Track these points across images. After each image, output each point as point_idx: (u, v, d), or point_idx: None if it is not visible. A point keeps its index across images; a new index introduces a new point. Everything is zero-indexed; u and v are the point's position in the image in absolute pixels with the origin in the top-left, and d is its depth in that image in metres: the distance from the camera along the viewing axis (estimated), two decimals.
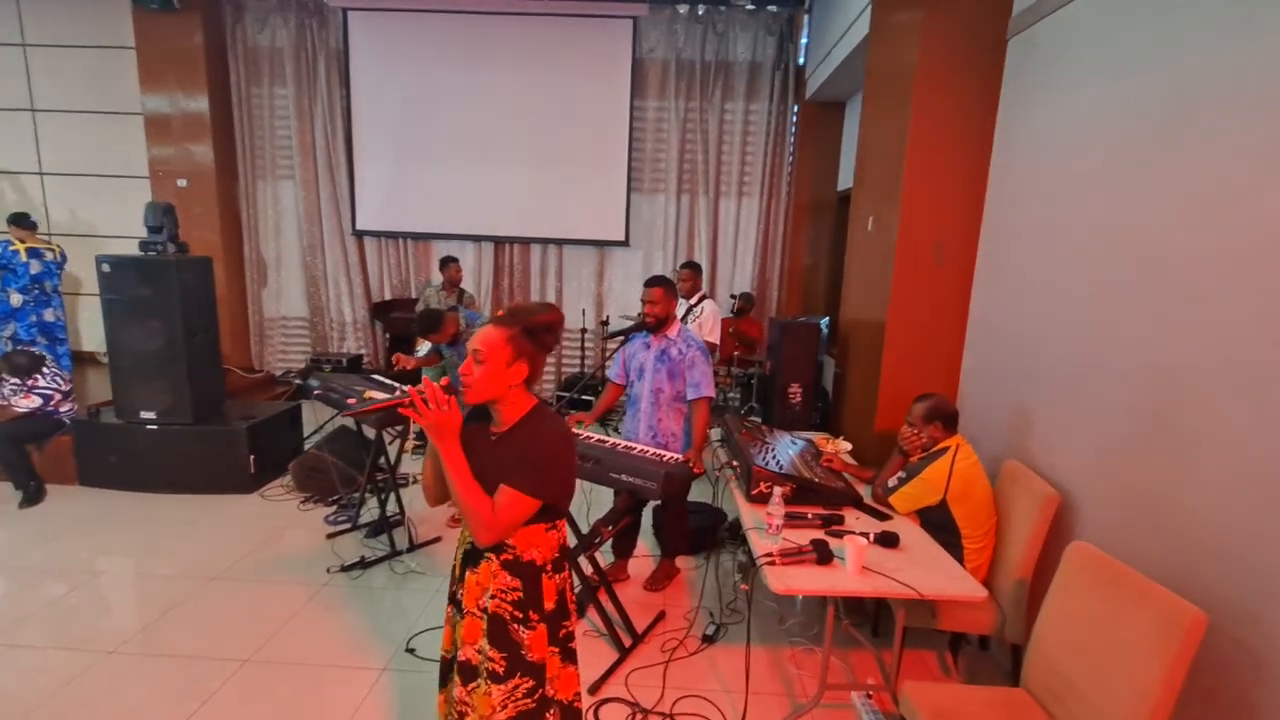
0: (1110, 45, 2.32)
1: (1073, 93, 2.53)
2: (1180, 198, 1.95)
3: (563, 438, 1.50)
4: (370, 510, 3.81)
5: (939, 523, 2.48)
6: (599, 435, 2.80)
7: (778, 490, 2.41)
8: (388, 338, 6.46)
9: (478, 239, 6.50)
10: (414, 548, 3.49)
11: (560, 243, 6.52)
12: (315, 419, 5.02)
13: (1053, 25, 2.68)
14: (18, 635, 2.69)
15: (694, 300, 4.70)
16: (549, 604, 1.50)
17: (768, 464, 2.65)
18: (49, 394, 4.06)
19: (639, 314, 3.28)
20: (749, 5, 5.85)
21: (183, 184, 6.12)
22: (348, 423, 4.41)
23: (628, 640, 2.70)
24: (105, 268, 3.93)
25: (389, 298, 6.67)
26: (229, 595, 3.04)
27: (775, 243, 6.43)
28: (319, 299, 6.70)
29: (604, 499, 3.65)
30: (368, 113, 6.30)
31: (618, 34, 6.07)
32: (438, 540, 3.61)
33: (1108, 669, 1.71)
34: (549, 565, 1.51)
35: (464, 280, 5.55)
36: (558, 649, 1.54)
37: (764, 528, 2.37)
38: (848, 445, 3.22)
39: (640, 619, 2.84)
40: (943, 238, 3.20)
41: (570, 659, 1.59)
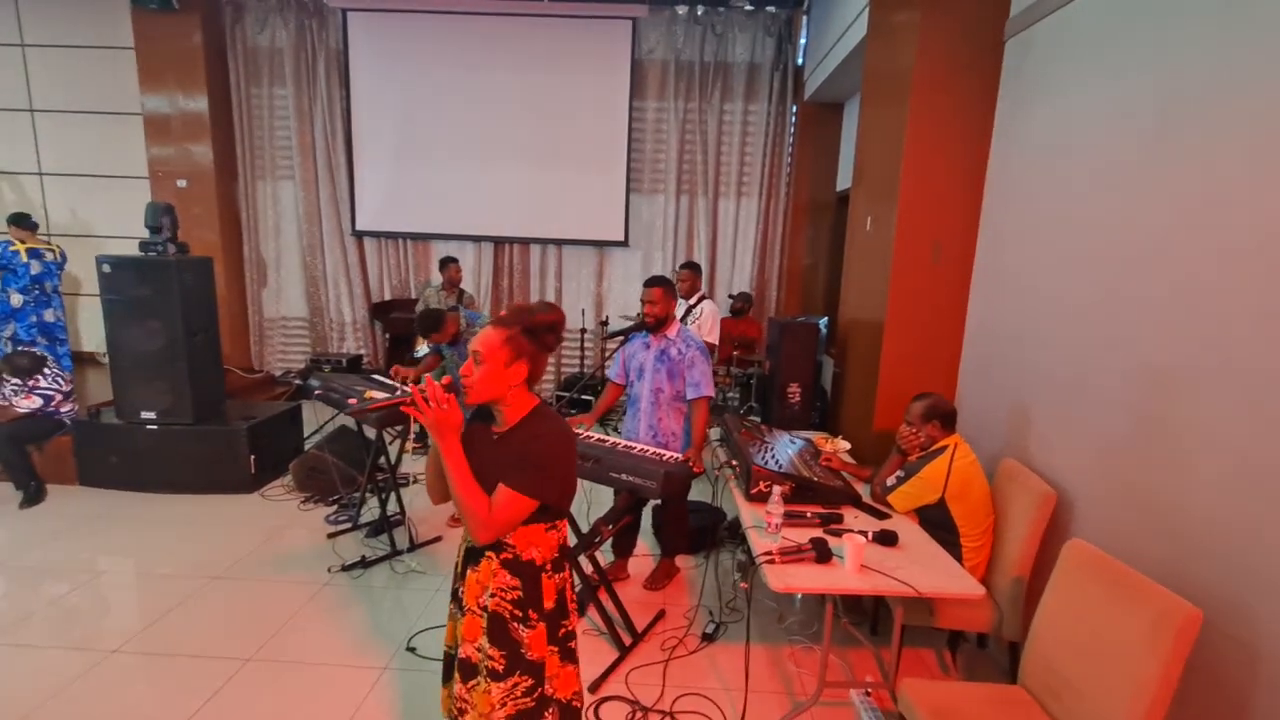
0: (1107, 47, 2.33)
1: (1070, 94, 2.54)
2: (1177, 198, 1.96)
3: (563, 438, 1.50)
4: (371, 510, 3.82)
5: (937, 521, 2.49)
6: (599, 435, 2.81)
7: (777, 489, 2.42)
8: (387, 338, 6.47)
9: (477, 239, 6.51)
10: (414, 547, 3.50)
11: (560, 243, 6.53)
12: (315, 419, 5.03)
13: (1050, 27, 2.70)
14: (20, 635, 2.70)
15: (693, 300, 4.71)
16: (548, 603, 1.51)
17: (767, 463, 2.66)
18: (50, 394, 4.06)
19: (638, 314, 3.29)
20: (748, 6, 5.88)
21: (182, 184, 6.12)
22: (348, 423, 4.42)
23: (628, 639, 2.71)
24: (105, 268, 3.93)
25: (389, 298, 6.68)
26: (230, 595, 3.05)
27: (774, 243, 6.44)
28: (319, 299, 6.71)
29: (604, 498, 3.67)
30: (367, 113, 6.30)
31: (617, 35, 6.08)
32: (438, 540, 3.62)
33: (1104, 666, 1.73)
34: (549, 565, 1.52)
35: (464, 280, 5.56)
36: (557, 648, 1.54)
37: (763, 526, 2.38)
38: (846, 444, 3.23)
39: (640, 618, 2.85)
40: (941, 238, 3.22)
41: (569, 658, 1.59)
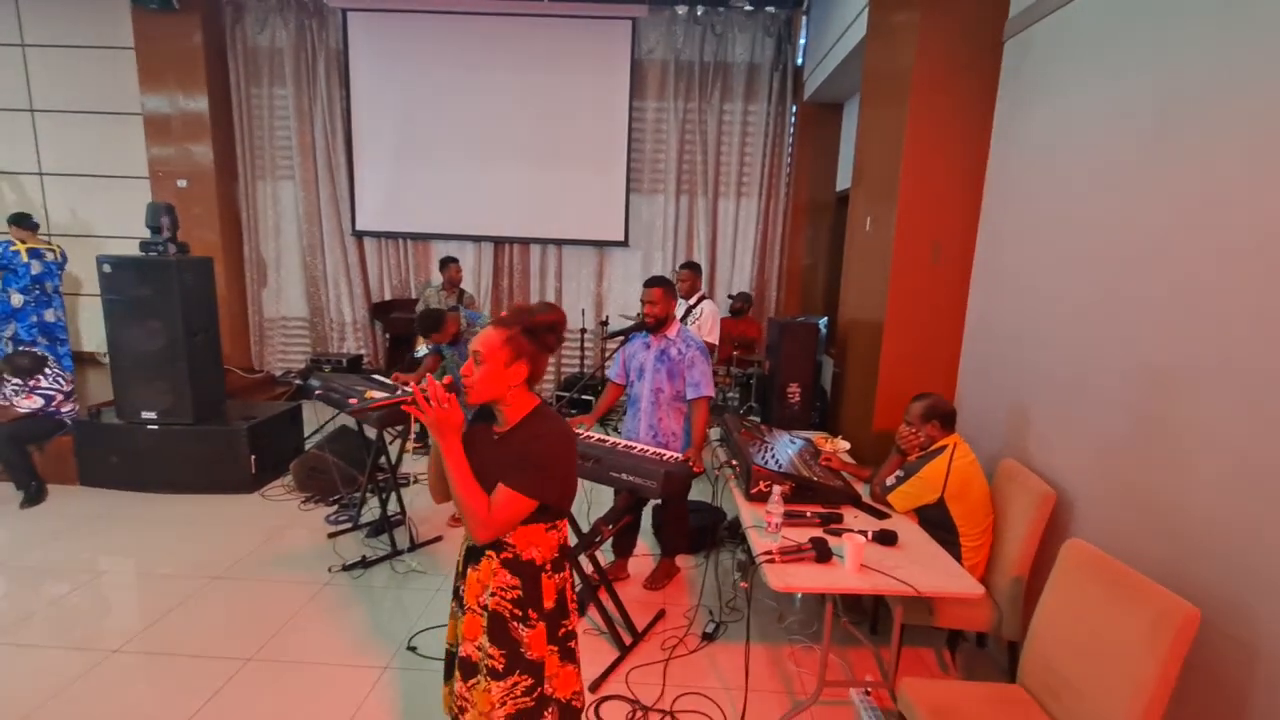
0: (1107, 47, 2.34)
1: (1070, 94, 2.55)
2: (1177, 198, 1.96)
3: (563, 439, 1.50)
4: (371, 510, 3.82)
5: (937, 521, 2.49)
6: (599, 435, 2.81)
7: (777, 489, 2.42)
8: (388, 338, 6.47)
9: (477, 239, 6.51)
10: (415, 547, 3.51)
11: (560, 243, 6.54)
12: (316, 419, 5.03)
13: (1049, 27, 2.70)
14: (21, 635, 2.71)
15: (693, 301, 4.71)
16: (548, 603, 1.51)
17: (767, 463, 2.67)
18: (51, 395, 4.06)
19: (638, 314, 3.29)
20: (747, 6, 5.88)
21: (182, 184, 6.12)
22: (348, 423, 4.42)
23: (628, 638, 2.72)
24: (106, 268, 3.94)
25: (389, 298, 6.68)
26: (231, 594, 3.05)
27: (774, 243, 6.45)
28: (319, 299, 6.71)
29: (604, 498, 3.67)
30: (367, 113, 6.31)
31: (617, 35, 6.08)
32: (439, 540, 3.63)
33: (1103, 665, 1.73)
34: (548, 565, 1.52)
35: (464, 280, 5.57)
36: (556, 648, 1.54)
37: (763, 526, 2.38)
38: (846, 444, 3.23)
39: (640, 617, 2.86)
40: (940, 238, 3.22)
41: (569, 658, 1.59)
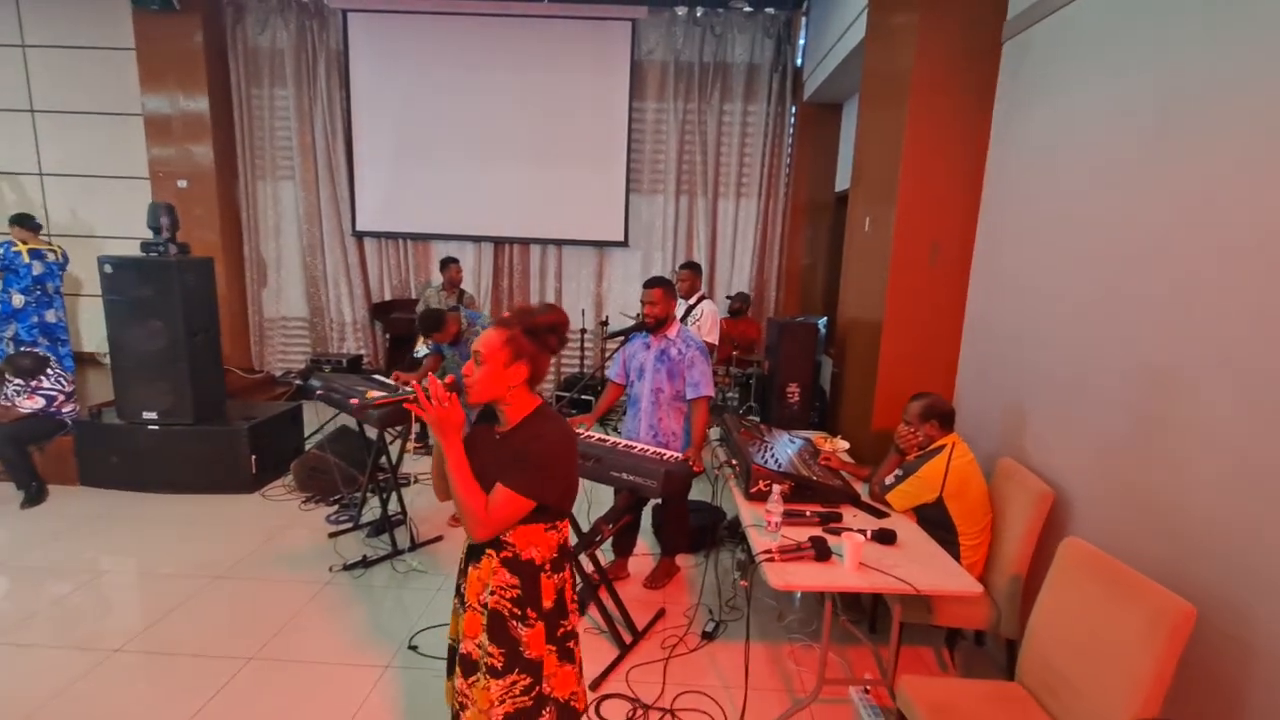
0: (1107, 46, 2.34)
1: (1068, 95, 2.56)
2: (1177, 196, 1.97)
3: (563, 439, 1.51)
4: (372, 510, 3.83)
5: (935, 520, 2.50)
6: (599, 435, 2.82)
7: (776, 488, 2.43)
8: (388, 338, 6.48)
9: (477, 240, 6.52)
10: (415, 546, 3.52)
11: (560, 243, 6.55)
12: (316, 419, 5.04)
13: (1048, 28, 2.71)
14: (23, 634, 2.72)
15: (693, 301, 4.72)
16: (547, 602, 1.52)
17: (766, 462, 2.68)
18: (52, 395, 4.07)
19: (638, 314, 3.30)
20: (747, 7, 5.89)
21: (183, 185, 6.13)
22: (349, 423, 4.43)
23: (628, 637, 2.73)
24: (107, 268, 3.95)
25: (389, 298, 6.69)
26: (232, 594, 3.06)
27: (773, 243, 6.46)
28: (319, 299, 6.72)
29: (604, 498, 3.68)
30: (367, 114, 6.32)
31: (616, 36, 6.09)
32: (439, 539, 3.64)
33: (1100, 662, 1.74)
34: (548, 565, 1.52)
35: (464, 281, 5.58)
36: (555, 647, 1.55)
37: (763, 525, 2.39)
38: (845, 444, 3.24)
39: (640, 616, 2.87)
40: (939, 238, 3.23)
41: (568, 658, 1.59)
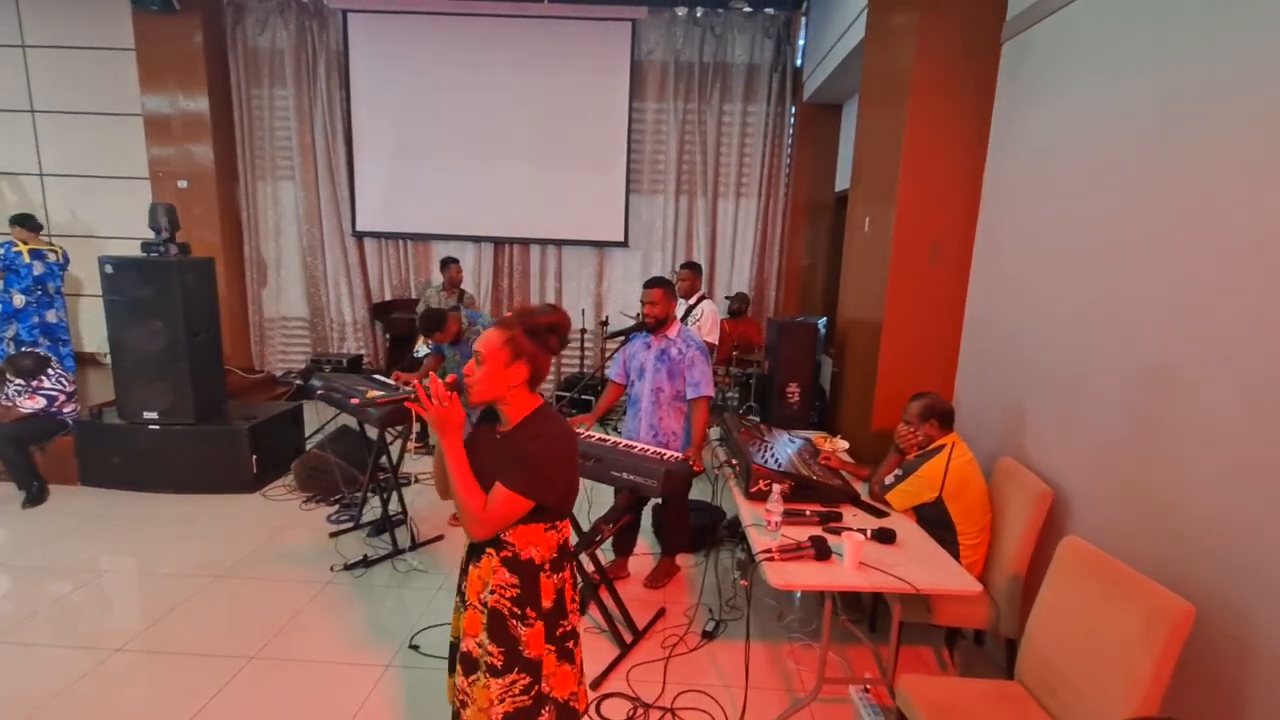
0: (1106, 47, 2.35)
1: (1067, 96, 2.56)
2: (1176, 197, 1.97)
3: (562, 439, 1.51)
4: (372, 509, 3.83)
5: (935, 519, 2.51)
6: (600, 434, 2.83)
7: (776, 488, 2.44)
8: (388, 338, 6.48)
9: (477, 240, 6.53)
10: (416, 546, 3.53)
11: (560, 243, 6.55)
12: (317, 419, 5.04)
13: (1047, 29, 2.72)
14: (24, 634, 2.72)
15: (693, 301, 4.73)
16: (546, 602, 1.52)
17: (766, 462, 2.69)
18: (54, 395, 4.08)
19: (638, 314, 3.31)
20: (746, 8, 5.90)
21: (183, 185, 6.13)
22: (350, 423, 4.44)
23: (629, 636, 2.74)
24: (108, 269, 3.95)
25: (389, 298, 6.69)
26: (233, 593, 3.07)
27: (773, 243, 6.46)
28: (319, 299, 6.73)
29: (605, 498, 3.68)
30: (367, 114, 6.32)
31: (616, 36, 6.10)
32: (440, 539, 3.64)
33: (1099, 661, 1.75)
34: (547, 564, 1.53)
35: (464, 281, 5.58)
36: (554, 647, 1.55)
37: (763, 524, 2.40)
38: (845, 444, 3.25)
39: (641, 616, 2.88)
40: (939, 239, 3.24)
41: (567, 658, 1.59)
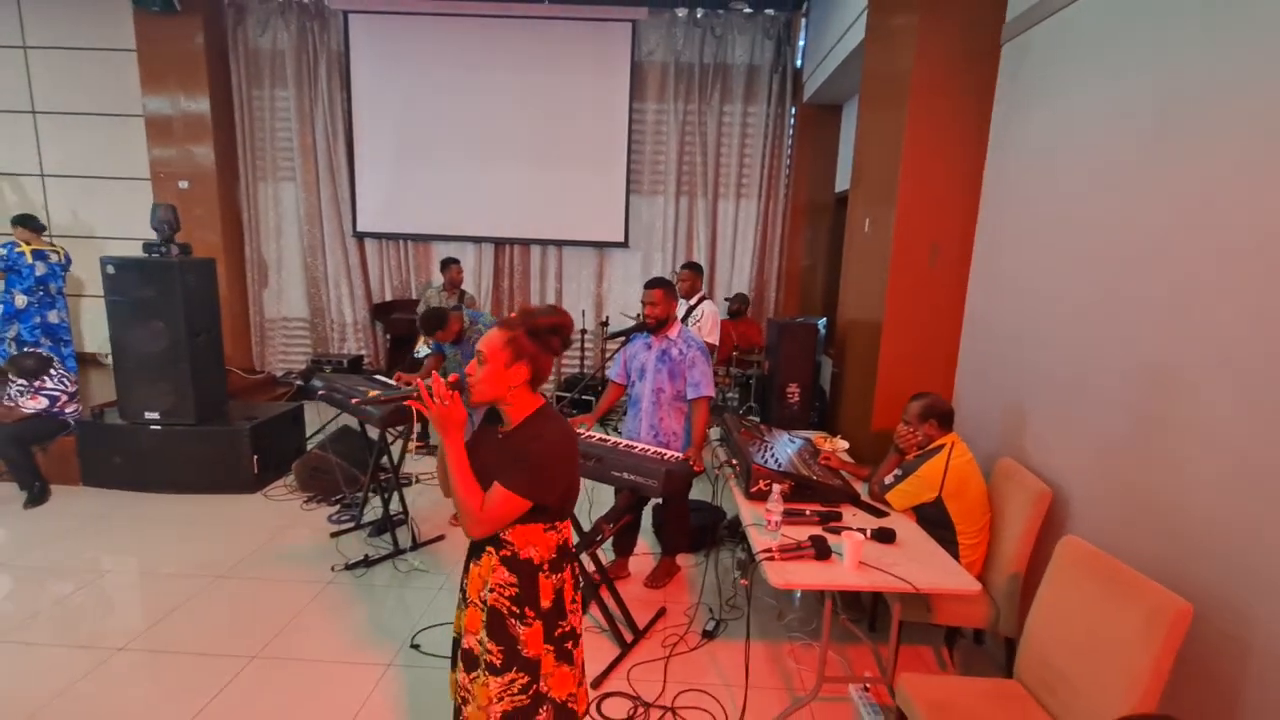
0: (1106, 48, 2.36)
1: (1067, 97, 2.57)
2: (1176, 198, 1.98)
3: (562, 440, 1.52)
4: (373, 509, 3.84)
5: (934, 519, 2.52)
6: (600, 435, 2.84)
7: (776, 488, 2.44)
8: (388, 339, 6.49)
9: (478, 240, 6.54)
10: (417, 546, 3.53)
11: (560, 244, 6.57)
12: (318, 419, 5.05)
13: (1047, 30, 2.73)
14: (26, 633, 2.73)
15: (693, 301, 4.73)
16: (545, 602, 1.53)
17: (766, 462, 2.69)
18: (56, 395, 4.08)
19: (638, 314, 3.32)
20: (747, 9, 5.92)
21: (184, 186, 6.14)
22: (351, 423, 4.45)
23: (629, 636, 2.75)
24: (109, 269, 3.96)
25: (390, 299, 6.70)
26: (234, 593, 3.07)
27: (773, 244, 6.47)
28: (320, 300, 6.73)
29: (605, 498, 3.69)
30: (368, 115, 6.33)
31: (617, 37, 6.11)
32: (440, 539, 3.65)
33: (1098, 659, 1.76)
34: (546, 565, 1.53)
35: (464, 281, 5.59)
36: (553, 647, 1.55)
37: (763, 524, 2.41)
38: (845, 444, 3.26)
39: (641, 615, 2.88)
40: (939, 239, 3.25)
41: (565, 659, 1.59)
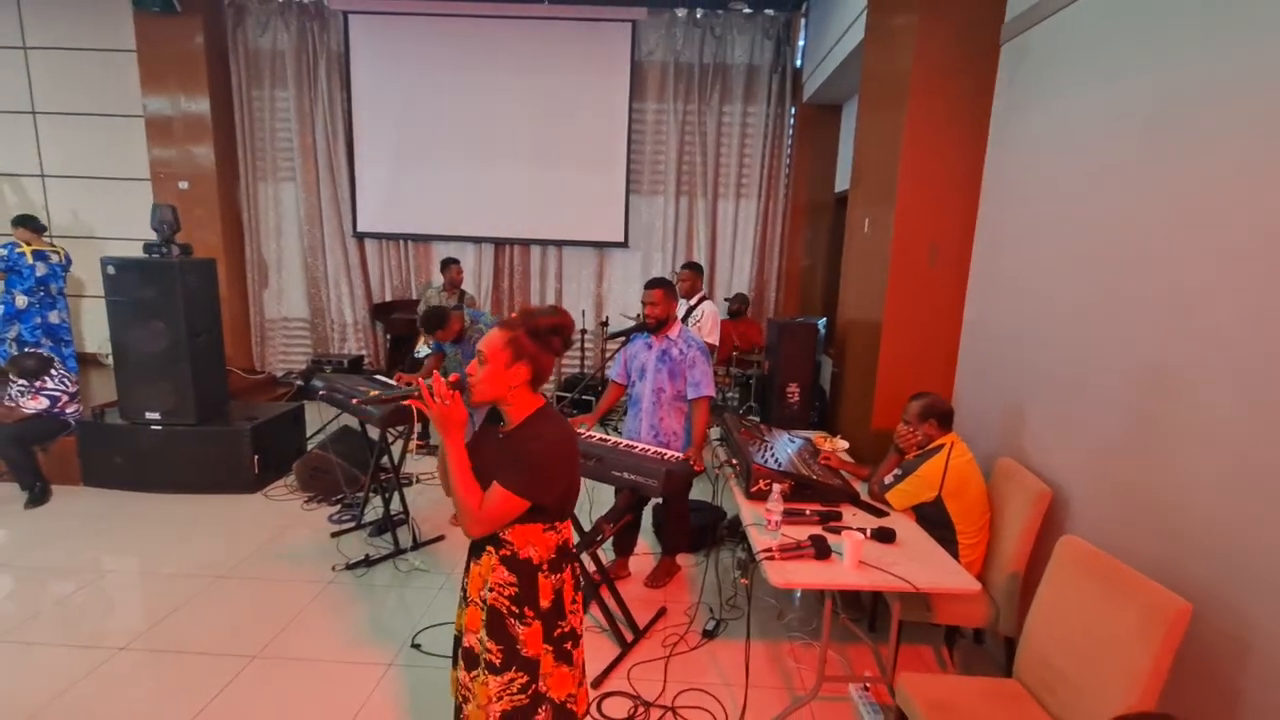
0: (1104, 49, 2.36)
1: (1065, 98, 2.58)
2: (1176, 198, 1.99)
3: (561, 441, 1.52)
4: (374, 509, 3.84)
5: (934, 518, 2.52)
6: (600, 435, 2.84)
7: (776, 487, 2.45)
8: (388, 339, 6.50)
9: (478, 240, 6.54)
10: (417, 546, 3.54)
11: (560, 244, 6.57)
12: (319, 420, 5.06)
13: (1046, 31, 2.73)
14: (28, 633, 2.73)
15: (694, 301, 4.74)
16: (544, 602, 1.53)
17: (766, 462, 2.70)
18: (56, 396, 4.09)
19: (638, 314, 3.32)
20: (746, 9, 5.92)
21: (184, 186, 6.14)
22: (351, 423, 4.45)
23: (630, 635, 2.75)
24: (110, 270, 3.96)
25: (390, 299, 6.71)
26: (235, 593, 3.08)
27: (773, 244, 6.48)
28: (320, 300, 6.74)
29: (606, 497, 3.70)
30: (368, 115, 6.34)
31: (616, 37, 6.12)
32: (441, 538, 3.66)
33: (1097, 658, 1.76)
34: (545, 565, 1.54)
35: (464, 282, 5.59)
36: (552, 648, 1.56)
37: (763, 524, 2.41)
38: (845, 443, 3.27)
39: (642, 615, 2.89)
40: (938, 239, 3.25)
41: (564, 659, 1.59)
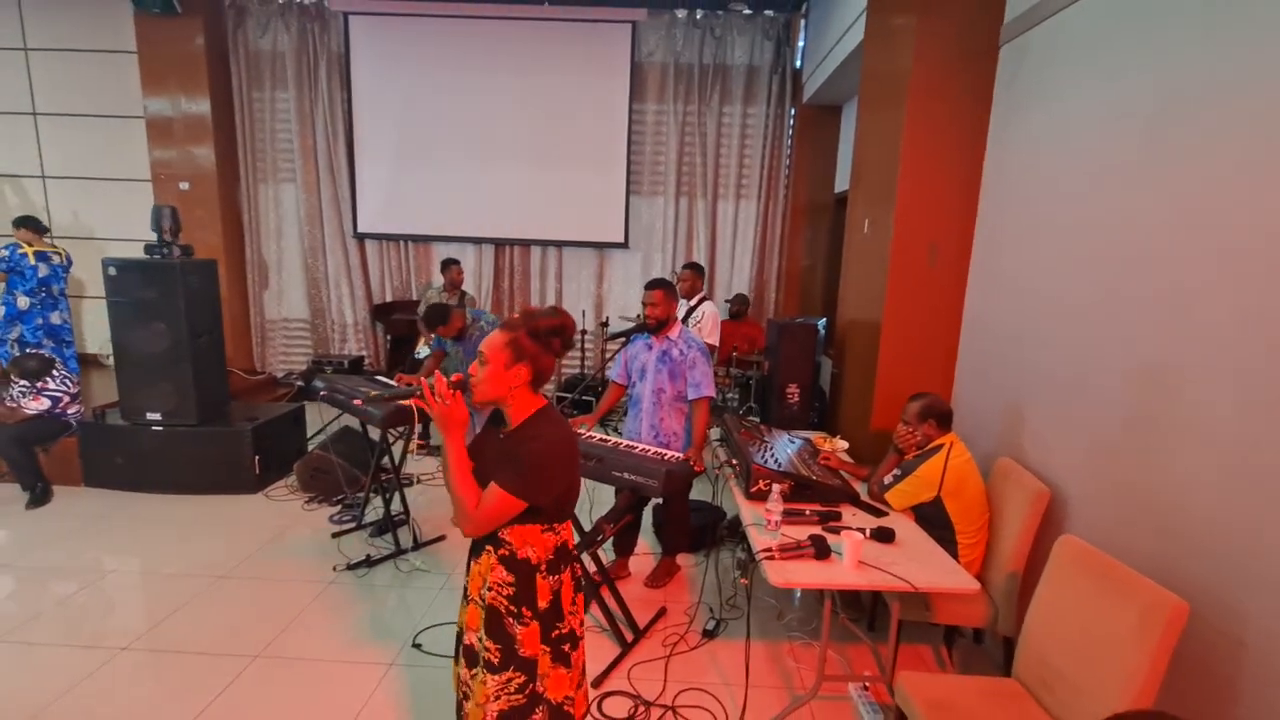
0: (1104, 49, 2.37)
1: (1064, 98, 2.58)
2: (1176, 198, 1.99)
3: (561, 442, 1.52)
4: (374, 510, 3.85)
5: (933, 518, 2.53)
6: (601, 435, 2.85)
7: (776, 487, 2.45)
8: (389, 339, 6.51)
9: (478, 241, 6.55)
10: (418, 546, 3.54)
11: (560, 245, 6.58)
12: (319, 420, 5.06)
13: (1045, 32, 2.74)
14: (30, 634, 2.74)
15: (694, 301, 4.75)
16: (542, 603, 1.54)
17: (766, 462, 2.71)
18: (58, 396, 4.10)
19: (638, 315, 3.33)
20: (746, 10, 5.93)
21: (185, 187, 6.15)
22: (352, 423, 4.46)
23: (630, 635, 2.76)
24: (111, 271, 3.97)
25: (390, 300, 6.72)
26: (236, 593, 3.09)
27: (773, 244, 6.48)
28: (320, 301, 6.74)
29: (606, 497, 3.70)
30: (369, 116, 6.34)
31: (616, 38, 6.13)
32: (442, 539, 3.66)
33: (1095, 657, 1.77)
34: (543, 565, 1.54)
35: (465, 282, 5.60)
36: (549, 648, 1.56)
37: (763, 524, 2.42)
38: (844, 444, 3.27)
39: (642, 615, 2.90)
40: (937, 240, 3.26)
41: (562, 661, 1.59)
